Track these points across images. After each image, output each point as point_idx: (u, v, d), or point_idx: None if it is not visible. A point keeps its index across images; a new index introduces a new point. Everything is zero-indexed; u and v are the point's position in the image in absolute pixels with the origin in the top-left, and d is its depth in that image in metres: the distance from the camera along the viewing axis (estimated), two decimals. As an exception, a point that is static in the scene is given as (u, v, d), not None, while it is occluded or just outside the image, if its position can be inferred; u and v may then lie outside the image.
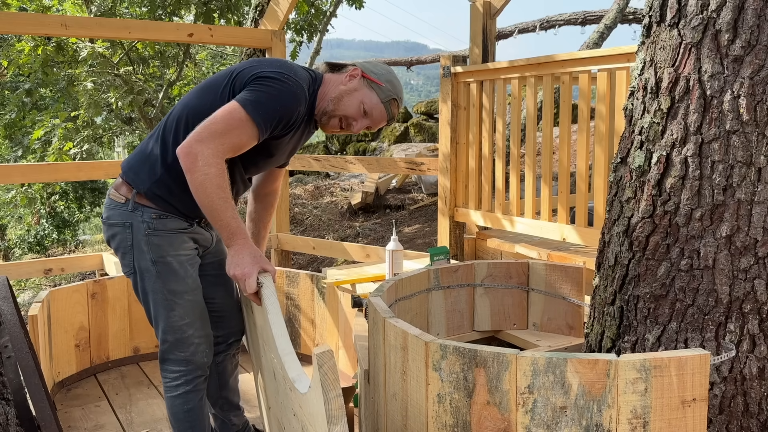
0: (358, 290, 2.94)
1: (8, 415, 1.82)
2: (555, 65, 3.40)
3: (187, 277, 2.07)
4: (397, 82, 2.08)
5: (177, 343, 2.08)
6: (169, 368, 2.11)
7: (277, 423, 1.90)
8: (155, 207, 2.03)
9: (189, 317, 2.08)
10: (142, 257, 2.04)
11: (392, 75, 2.08)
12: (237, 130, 1.85)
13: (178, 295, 2.06)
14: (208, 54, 10.73)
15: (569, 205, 3.43)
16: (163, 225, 2.03)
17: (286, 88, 1.90)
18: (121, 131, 10.20)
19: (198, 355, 2.11)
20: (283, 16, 5.01)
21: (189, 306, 2.08)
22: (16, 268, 4.70)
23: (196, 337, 2.10)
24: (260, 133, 1.90)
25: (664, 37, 1.72)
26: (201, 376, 2.14)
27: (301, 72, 1.99)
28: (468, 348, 1.49)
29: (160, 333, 2.09)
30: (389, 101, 2.05)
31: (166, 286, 2.04)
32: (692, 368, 1.40)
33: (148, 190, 2.02)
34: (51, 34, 4.87)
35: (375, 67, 2.08)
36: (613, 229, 1.84)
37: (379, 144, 9.92)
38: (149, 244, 2.02)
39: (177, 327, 2.07)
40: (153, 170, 2.02)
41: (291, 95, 1.90)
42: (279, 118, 1.91)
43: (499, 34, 10.96)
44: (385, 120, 2.08)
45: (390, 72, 2.09)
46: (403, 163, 4.58)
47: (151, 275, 2.04)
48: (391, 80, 2.06)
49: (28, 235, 12.15)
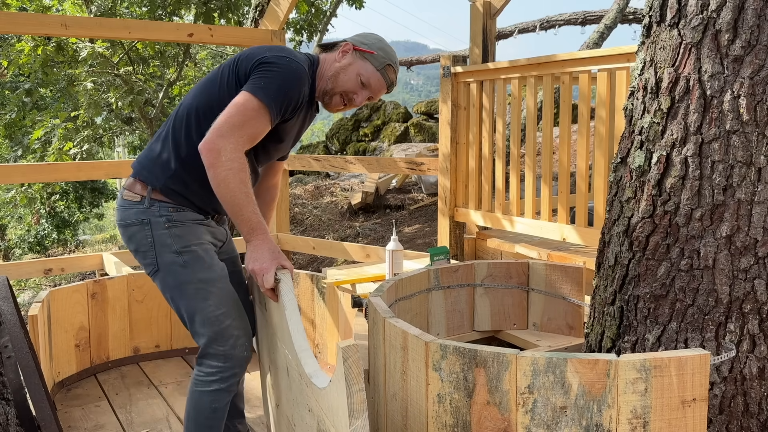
0: (358, 290, 2.94)
1: (8, 415, 1.82)
2: (555, 65, 3.40)
3: (215, 265, 2.02)
4: (389, 48, 2.09)
5: (216, 336, 2.00)
6: (207, 363, 2.03)
7: (287, 421, 1.90)
8: (171, 201, 2.02)
9: (225, 306, 2.01)
10: (164, 251, 2.00)
11: (383, 42, 2.09)
12: (253, 120, 1.88)
13: (210, 284, 2.00)
14: (208, 54, 10.73)
15: (569, 205, 3.43)
16: (183, 216, 2.02)
17: (290, 71, 1.93)
18: (121, 131, 10.20)
19: (238, 349, 2.02)
20: (283, 16, 5.01)
21: (223, 294, 2.01)
22: (16, 268, 4.70)
23: (234, 329, 2.02)
24: (273, 118, 1.92)
25: (664, 37, 1.72)
26: (237, 374, 2.06)
27: (299, 54, 2.02)
28: (468, 348, 1.49)
29: (198, 327, 2.01)
30: (384, 68, 2.06)
31: (195, 275, 1.99)
32: (692, 368, 1.40)
33: (163, 185, 2.01)
34: (51, 34, 4.87)
35: (365, 37, 2.09)
36: (613, 229, 1.84)
37: (379, 144, 9.92)
38: (172, 236, 1.99)
39: (214, 318, 1.99)
40: (167, 166, 2.02)
41: (295, 76, 1.93)
42: (288, 101, 1.94)
43: (499, 34, 10.97)
44: (384, 87, 2.08)
45: (380, 40, 2.10)
46: (403, 163, 4.58)
47: (177, 267, 1.99)
48: (383, 47, 2.07)
49: (28, 235, 12.16)
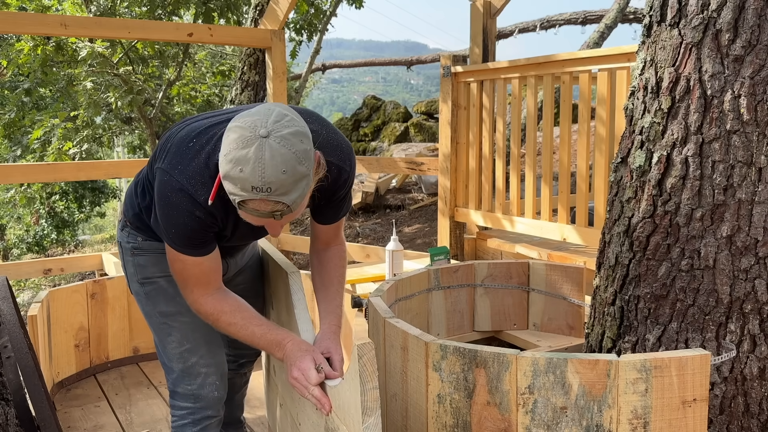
0: (358, 290, 2.93)
1: (8, 415, 1.81)
2: (555, 65, 3.39)
3: (178, 296, 1.78)
4: (244, 171, 1.38)
5: (182, 374, 1.83)
6: (177, 403, 1.86)
7: (291, 419, 1.89)
8: (139, 234, 1.86)
9: (189, 342, 1.83)
10: (131, 279, 1.88)
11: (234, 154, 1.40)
12: (184, 271, 1.64)
13: (170, 318, 1.83)
14: (208, 54, 10.72)
15: (570, 205, 3.43)
16: (149, 246, 1.85)
17: (170, 209, 1.56)
18: (120, 131, 10.20)
19: (207, 388, 1.84)
20: (283, 16, 5.01)
21: (186, 329, 1.82)
22: (15, 268, 4.70)
23: (202, 366, 1.83)
24: (197, 254, 1.62)
25: (664, 37, 1.71)
26: (212, 417, 1.87)
27: (195, 164, 1.55)
28: (468, 348, 1.49)
29: (165, 361, 1.86)
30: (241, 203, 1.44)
31: (156, 307, 1.84)
32: (693, 368, 1.40)
33: (132, 218, 1.86)
34: (51, 33, 4.88)
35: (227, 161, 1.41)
36: (614, 229, 1.84)
37: (379, 144, 9.92)
38: (135, 265, 1.86)
39: (178, 354, 1.83)
40: (134, 202, 1.84)
41: (175, 214, 1.56)
42: (192, 236, 1.59)
43: (499, 34, 10.96)
44: None
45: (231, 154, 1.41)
46: (403, 163, 4.58)
47: (142, 298, 1.86)
48: (232, 173, 1.40)
49: (28, 235, 12.15)
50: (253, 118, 1.42)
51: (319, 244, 1.90)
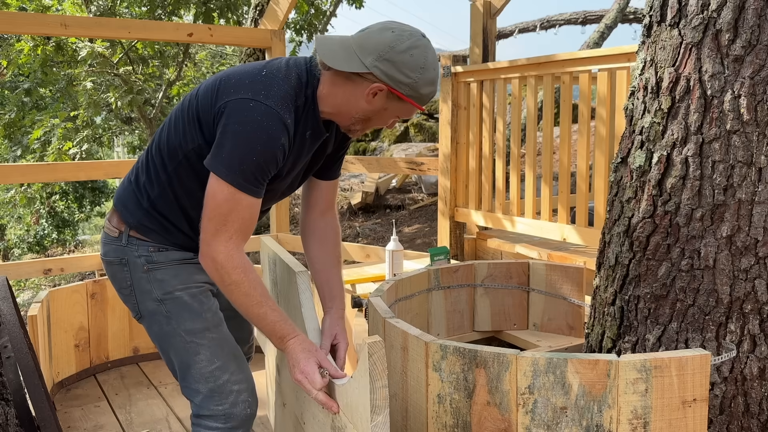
0: (358, 290, 2.93)
1: (8, 415, 1.81)
2: (555, 65, 3.39)
3: (204, 311, 1.73)
4: (429, 64, 1.55)
5: (212, 394, 1.71)
6: (205, 424, 1.72)
7: (294, 419, 1.89)
8: (150, 240, 1.74)
9: (220, 359, 1.72)
10: (145, 298, 1.74)
11: (419, 60, 1.54)
12: (234, 212, 1.55)
13: (198, 335, 1.71)
14: (208, 54, 10.72)
15: (570, 205, 3.43)
16: (165, 257, 1.73)
17: (257, 132, 1.53)
18: (120, 131, 10.21)
19: (239, 407, 1.72)
20: (283, 16, 5.00)
21: (215, 345, 1.72)
22: (15, 268, 4.69)
23: (233, 383, 1.72)
24: (256, 193, 1.58)
25: (664, 37, 1.71)
26: None
27: (277, 90, 1.57)
28: (468, 348, 1.49)
29: (191, 383, 1.73)
30: (421, 97, 1.59)
31: (181, 326, 1.71)
32: (693, 368, 1.40)
33: (139, 223, 1.73)
34: (51, 33, 4.88)
35: (397, 65, 1.53)
36: (614, 229, 1.84)
37: (379, 144, 9.92)
38: (151, 280, 1.72)
39: (209, 374, 1.71)
40: (140, 204, 1.74)
41: (264, 138, 1.53)
42: (264, 169, 1.57)
43: (499, 34, 10.96)
44: (421, 108, 1.65)
45: (416, 58, 1.53)
46: (403, 163, 4.58)
47: (161, 318, 1.73)
48: (421, 76, 1.55)
49: (28, 235, 12.15)
50: (399, 26, 1.57)
51: (316, 211, 1.88)
